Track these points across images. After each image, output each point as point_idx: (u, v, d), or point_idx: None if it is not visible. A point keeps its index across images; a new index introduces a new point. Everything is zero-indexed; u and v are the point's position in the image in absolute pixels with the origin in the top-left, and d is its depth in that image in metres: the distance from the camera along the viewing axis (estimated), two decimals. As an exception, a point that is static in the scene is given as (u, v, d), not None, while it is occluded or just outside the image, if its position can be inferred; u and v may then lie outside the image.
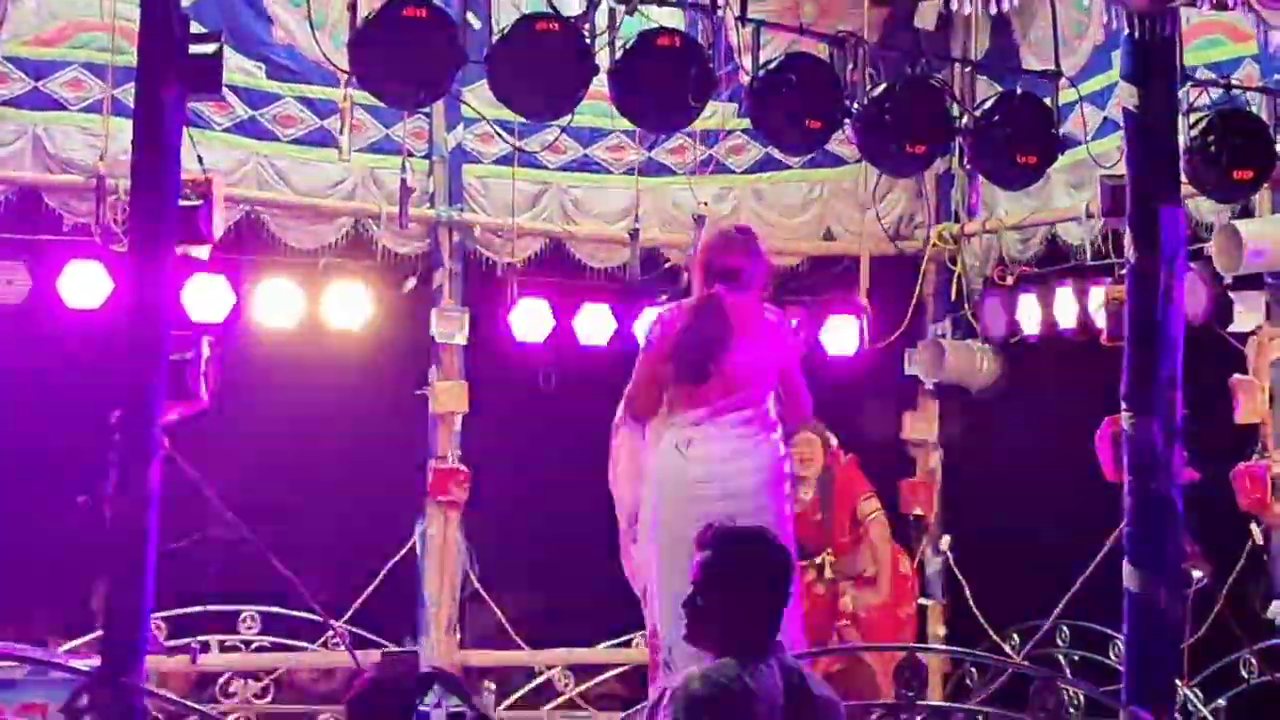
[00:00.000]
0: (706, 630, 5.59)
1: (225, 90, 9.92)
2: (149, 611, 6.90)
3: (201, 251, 7.59)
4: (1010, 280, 11.61)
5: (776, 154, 11.86)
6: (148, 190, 6.88)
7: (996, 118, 8.28)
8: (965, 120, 8.31)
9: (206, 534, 9.01)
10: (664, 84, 7.73)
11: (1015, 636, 11.57)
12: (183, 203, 7.11)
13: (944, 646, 11.98)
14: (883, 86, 8.14)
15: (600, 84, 7.86)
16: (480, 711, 3.36)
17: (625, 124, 10.62)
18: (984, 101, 8.49)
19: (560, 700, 11.76)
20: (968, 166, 10.21)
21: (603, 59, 7.83)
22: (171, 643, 10.60)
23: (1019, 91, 8.61)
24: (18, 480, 10.08)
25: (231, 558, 9.43)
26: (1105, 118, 10.52)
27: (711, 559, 5.61)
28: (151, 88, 6.84)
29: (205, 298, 10.56)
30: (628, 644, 11.87)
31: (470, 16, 9.29)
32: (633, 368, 9.07)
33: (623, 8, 7.88)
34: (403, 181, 10.44)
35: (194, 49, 6.91)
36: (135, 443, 6.82)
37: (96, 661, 7.44)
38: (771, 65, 8.01)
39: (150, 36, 6.84)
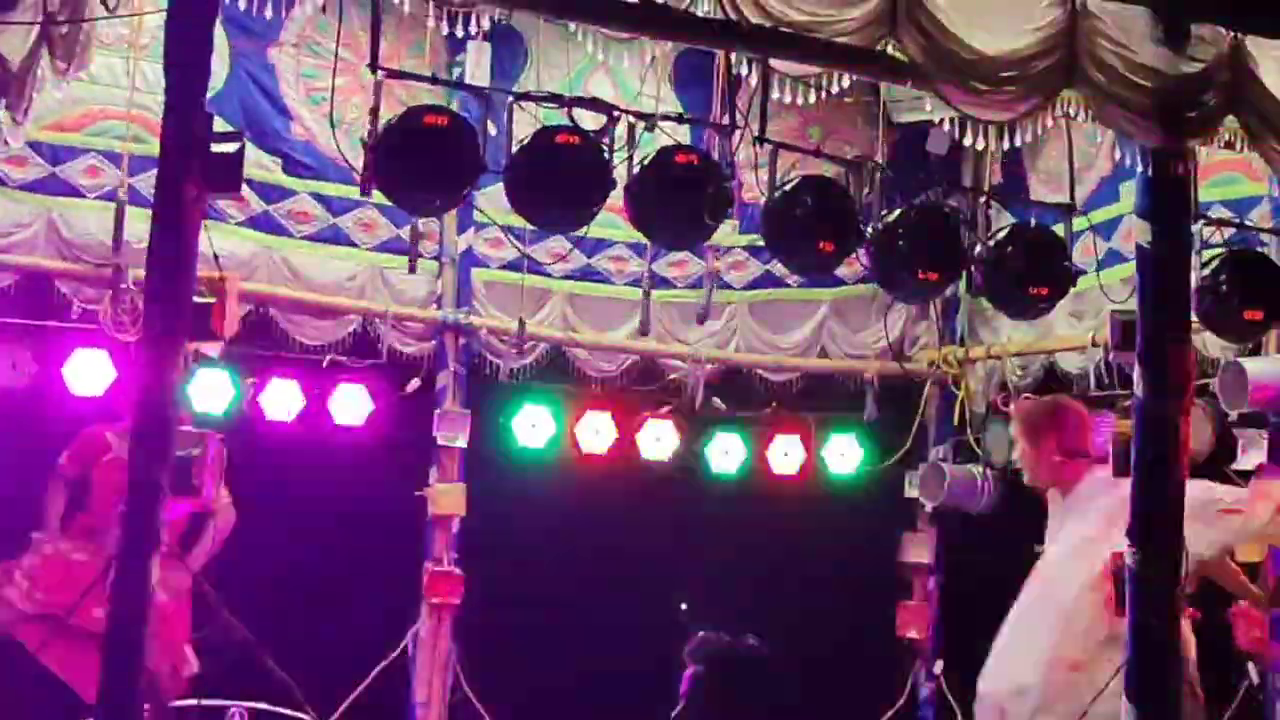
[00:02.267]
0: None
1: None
2: (139, 706, 6.84)
3: (213, 348, 7.60)
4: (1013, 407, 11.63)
5: (775, 271, 11.96)
6: (163, 286, 6.87)
7: (1010, 249, 8.30)
8: (979, 249, 8.34)
9: (207, 629, 8.96)
10: (681, 201, 7.75)
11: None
12: (197, 299, 7.10)
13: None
14: (898, 212, 8.17)
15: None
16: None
17: (629, 235, 10.73)
18: (998, 231, 8.52)
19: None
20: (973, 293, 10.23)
21: (619, 172, 7.86)
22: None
23: (1033, 224, 8.66)
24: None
25: (225, 653, 9.37)
26: (1110, 249, 10.60)
27: (700, 674, 5.61)
28: (172, 184, 6.84)
29: (210, 390, 10.53)
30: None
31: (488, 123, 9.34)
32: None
33: (642, 124, 7.93)
34: (413, 228, 10.36)
35: (215, 147, 6.93)
36: (137, 537, 6.77)
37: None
38: (788, 186, 8.04)
39: (173, 132, 6.85)
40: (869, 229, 8.18)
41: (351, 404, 11.46)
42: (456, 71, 11.01)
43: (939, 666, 12.12)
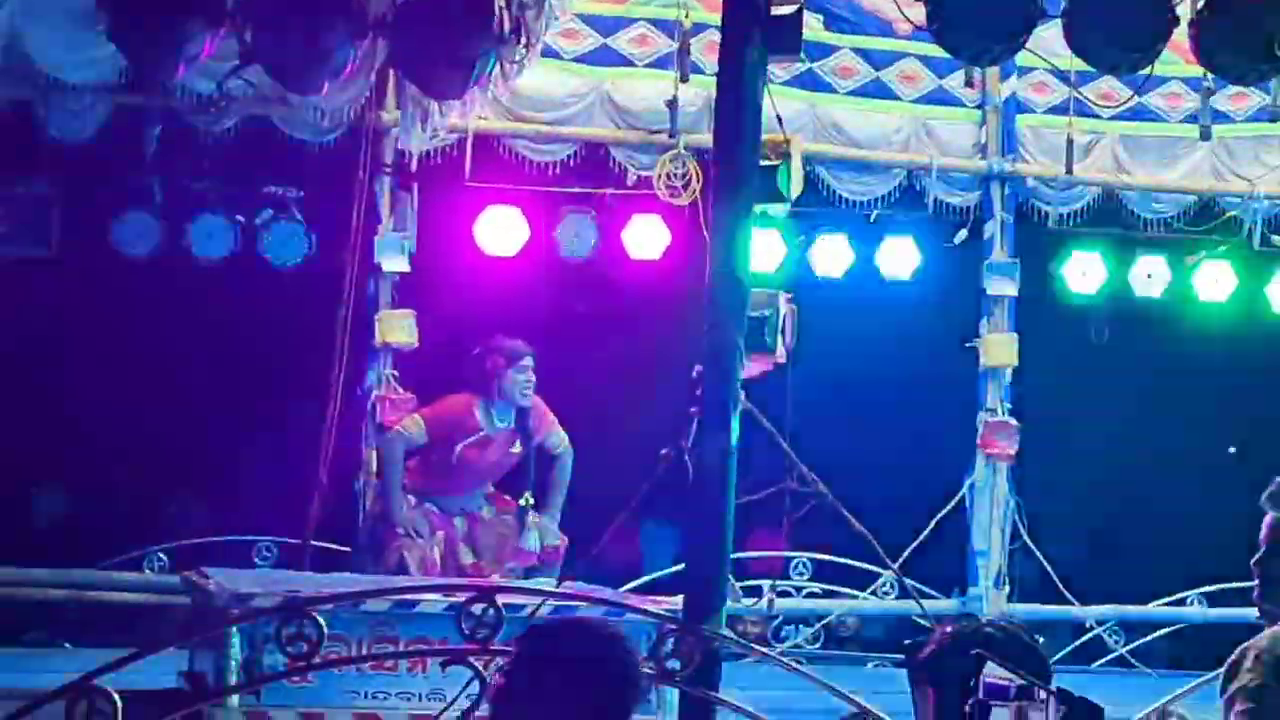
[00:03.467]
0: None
1: (786, 44, 10.10)
2: (728, 560, 7.06)
3: (780, 209, 7.71)
4: None
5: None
6: (730, 150, 7.00)
7: None
8: None
9: (781, 486, 9.18)
10: (1251, 32, 7.44)
11: None
12: (763, 163, 7.21)
13: None
14: None
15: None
16: (1028, 681, 3.25)
17: (1184, 70, 10.33)
18: None
19: (1110, 657, 11.58)
20: None
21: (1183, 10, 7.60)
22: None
23: None
24: (593, 426, 10.41)
25: (802, 506, 9.60)
26: None
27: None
28: (736, 49, 6.95)
29: (767, 250, 10.66)
30: (1181, 602, 11.61)
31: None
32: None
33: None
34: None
35: (775, 11, 7.00)
36: (716, 397, 6.97)
37: (669, 604, 7.71)
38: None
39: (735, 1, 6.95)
40: None
41: (899, 257, 11.49)
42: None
43: None
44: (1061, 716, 3.33)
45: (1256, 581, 5.33)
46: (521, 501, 9.76)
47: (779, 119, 7.35)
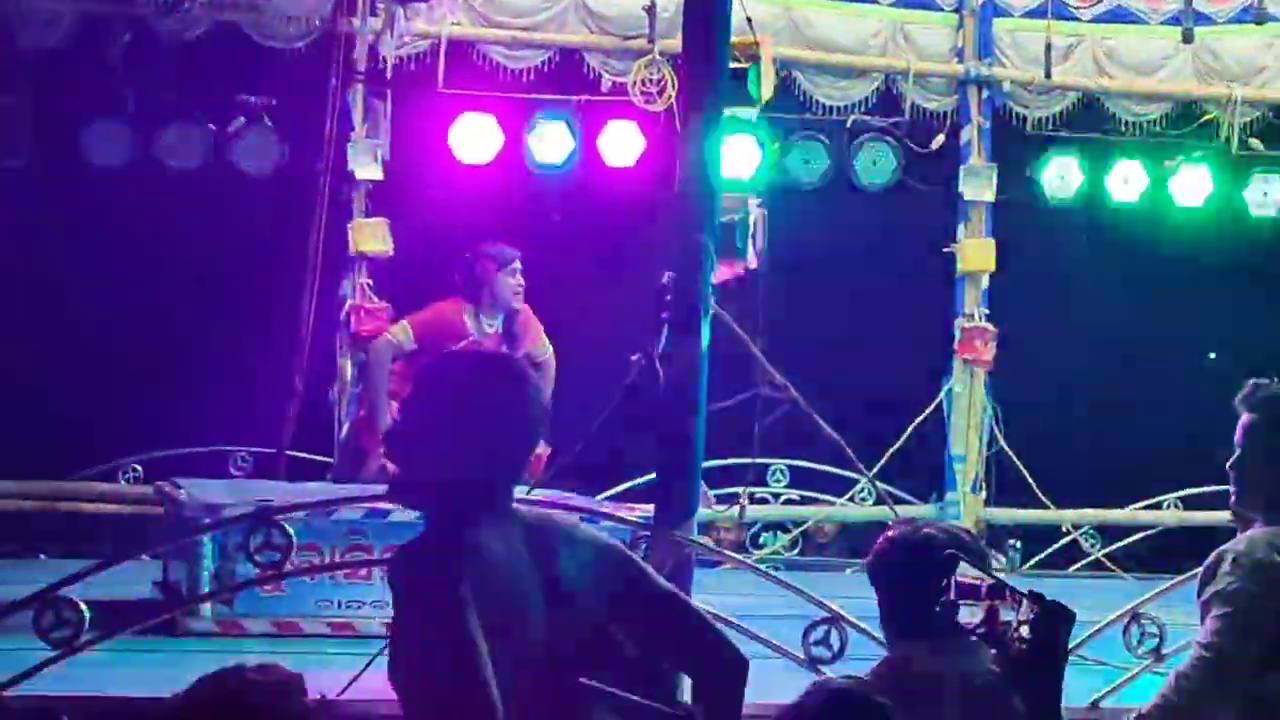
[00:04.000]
0: (1254, 495, 5.36)
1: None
2: (699, 467, 7.02)
3: (750, 113, 7.65)
4: None
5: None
6: (698, 54, 6.91)
7: None
8: None
9: (756, 392, 9.14)
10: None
11: None
12: (732, 65, 7.12)
13: None
14: None
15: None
16: (999, 582, 3.24)
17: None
18: None
19: (1086, 561, 11.63)
20: None
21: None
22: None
23: None
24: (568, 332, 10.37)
25: (774, 412, 9.56)
26: None
27: (1257, 422, 5.36)
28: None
29: (741, 156, 10.60)
30: (1158, 506, 11.66)
31: None
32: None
33: None
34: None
35: (747, -89, 6.91)
36: (686, 302, 6.91)
37: (643, 511, 7.70)
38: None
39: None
40: None
41: (875, 163, 11.41)
42: None
43: None
44: (1033, 619, 3.31)
45: (1232, 485, 5.34)
46: None
47: (749, 21, 7.25)
